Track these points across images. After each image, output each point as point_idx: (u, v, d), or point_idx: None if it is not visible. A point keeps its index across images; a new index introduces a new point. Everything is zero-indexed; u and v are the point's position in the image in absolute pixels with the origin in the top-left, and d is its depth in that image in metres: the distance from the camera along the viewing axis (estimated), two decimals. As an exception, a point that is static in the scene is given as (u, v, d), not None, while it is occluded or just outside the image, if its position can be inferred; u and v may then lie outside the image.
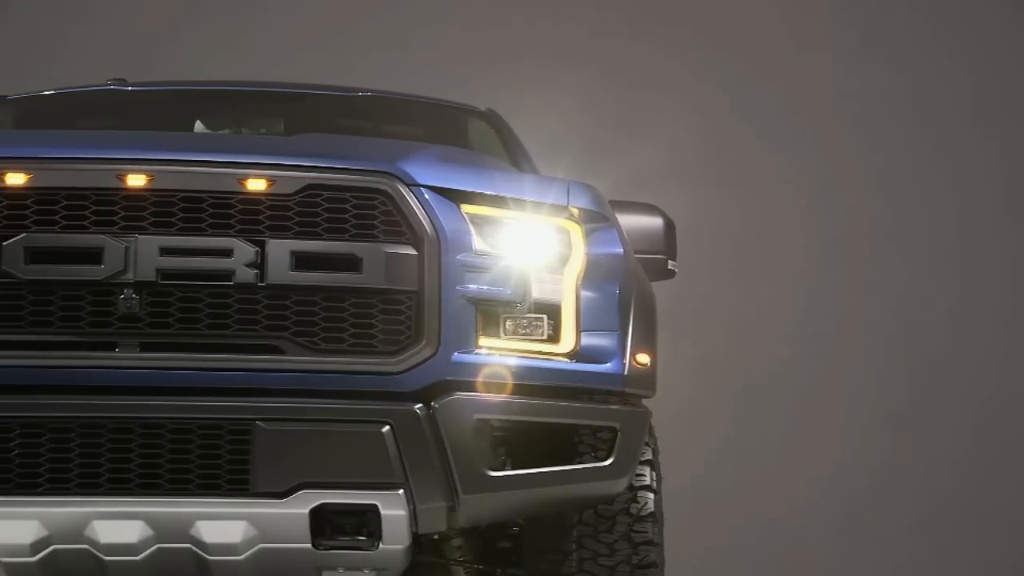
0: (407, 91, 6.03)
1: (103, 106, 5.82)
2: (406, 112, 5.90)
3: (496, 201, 3.58)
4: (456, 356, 3.42)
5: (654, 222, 4.61)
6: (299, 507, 3.31)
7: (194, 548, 3.33)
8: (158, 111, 5.74)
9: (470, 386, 3.43)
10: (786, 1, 8.46)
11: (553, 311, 3.58)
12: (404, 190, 3.45)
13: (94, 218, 3.35)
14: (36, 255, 3.31)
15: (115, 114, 5.78)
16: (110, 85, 5.96)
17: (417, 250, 3.42)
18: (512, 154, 5.48)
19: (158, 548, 3.32)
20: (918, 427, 8.08)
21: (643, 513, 3.82)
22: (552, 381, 3.55)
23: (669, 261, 4.64)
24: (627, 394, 3.69)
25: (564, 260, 3.63)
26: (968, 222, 8.32)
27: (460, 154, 3.86)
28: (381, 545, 3.38)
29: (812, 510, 7.86)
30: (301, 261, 3.37)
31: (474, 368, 3.44)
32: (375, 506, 3.33)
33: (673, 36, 8.29)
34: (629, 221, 4.22)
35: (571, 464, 3.61)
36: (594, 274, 3.66)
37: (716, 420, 7.82)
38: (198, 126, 5.66)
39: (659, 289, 4.21)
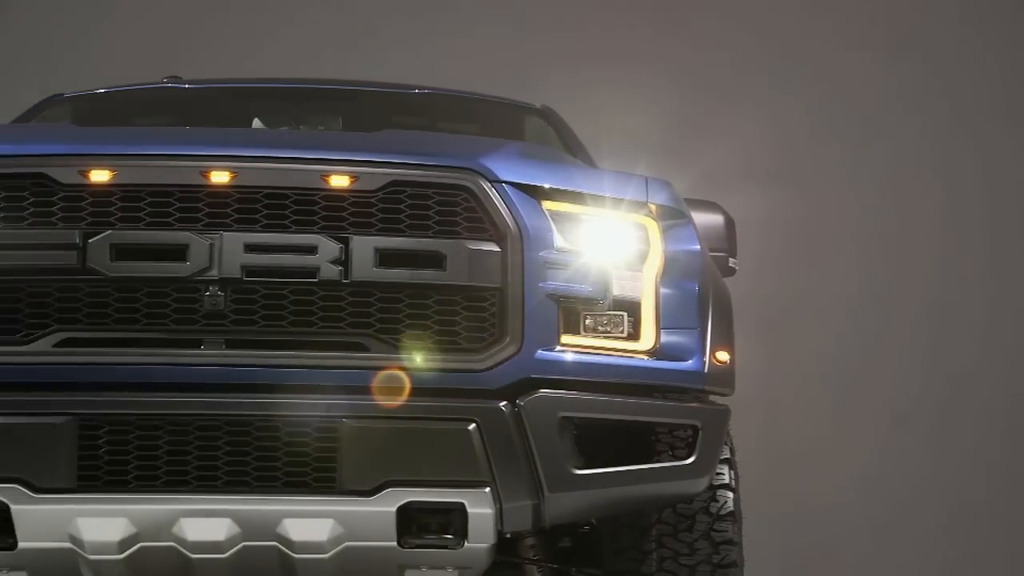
0: (466, 89, 6.00)
1: (160, 103, 5.83)
2: (462, 109, 5.88)
3: (576, 198, 3.56)
4: (539, 353, 3.40)
5: (715, 219, 4.58)
6: (386, 505, 3.29)
7: (280, 546, 3.31)
8: (215, 108, 5.73)
9: (553, 384, 3.41)
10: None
11: (633, 308, 3.56)
12: (487, 186, 3.43)
13: (178, 215, 3.34)
14: (121, 252, 3.30)
15: (172, 111, 5.78)
16: (166, 83, 5.96)
17: (500, 247, 3.40)
18: (571, 150, 5.45)
19: (244, 546, 3.30)
20: (963, 429, 8.02)
21: (723, 512, 3.79)
22: (633, 379, 3.53)
23: (730, 259, 4.61)
24: (707, 392, 3.66)
25: (643, 257, 3.60)
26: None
27: (539, 150, 3.84)
28: (466, 544, 3.36)
29: (851, 510, 7.83)
30: (385, 258, 3.36)
31: (557, 365, 3.42)
32: (462, 504, 3.31)
33: (732, 34, 8.25)
34: None
35: (648, 463, 3.59)
36: (672, 271, 3.63)
37: (787, 418, 7.79)
38: (256, 123, 5.64)
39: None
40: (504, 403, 3.34)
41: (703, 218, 4.49)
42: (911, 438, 7.97)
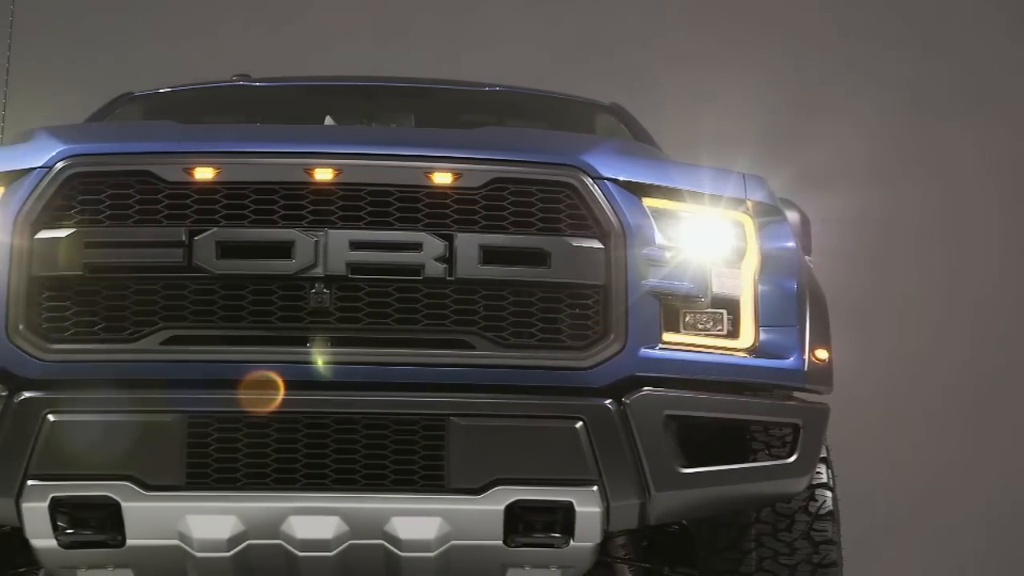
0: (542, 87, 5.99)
1: (230, 101, 5.83)
2: (533, 107, 5.86)
3: (675, 194, 3.53)
4: (643, 351, 3.38)
5: (790, 217, 4.54)
6: (494, 503, 3.27)
7: (387, 544, 3.30)
8: (286, 106, 5.74)
9: (656, 382, 3.39)
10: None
11: (732, 306, 3.54)
12: (590, 183, 3.42)
13: (283, 212, 3.33)
14: (227, 249, 3.30)
15: (242, 109, 5.79)
16: (235, 80, 5.96)
17: (603, 244, 3.38)
18: (643, 148, 5.44)
19: (351, 544, 3.30)
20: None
21: (822, 511, 3.76)
22: (734, 377, 3.51)
23: (806, 256, 4.59)
24: (807, 390, 3.63)
25: (741, 254, 3.58)
26: None
27: (636, 147, 3.83)
28: (572, 542, 3.34)
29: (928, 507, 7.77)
30: (489, 255, 3.34)
31: (660, 363, 3.40)
32: (570, 503, 3.29)
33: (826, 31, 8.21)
34: None
35: (747, 461, 3.57)
36: (770, 268, 3.61)
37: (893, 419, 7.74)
38: (328, 121, 5.64)
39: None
40: (609, 401, 3.32)
41: None
42: (991, 436, 7.89)
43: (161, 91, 5.86)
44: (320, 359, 3.29)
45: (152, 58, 7.24)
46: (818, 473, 3.79)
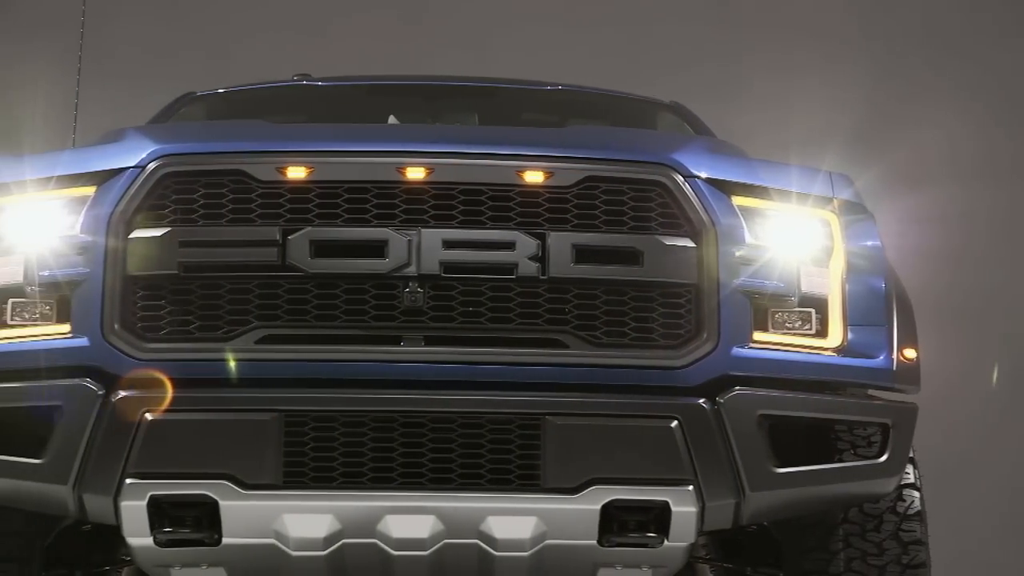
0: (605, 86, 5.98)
1: (294, 100, 5.84)
2: (595, 105, 5.85)
3: (764, 192, 3.53)
4: (735, 350, 3.37)
5: None
6: (591, 503, 3.27)
7: (481, 544, 3.30)
8: (350, 105, 5.74)
9: (748, 381, 3.38)
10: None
11: (820, 305, 3.52)
12: (681, 181, 3.41)
13: (375, 211, 3.34)
14: (321, 248, 3.30)
15: (306, 109, 5.79)
16: (296, 80, 5.97)
17: (695, 242, 3.37)
18: (707, 146, 5.41)
19: (445, 544, 3.30)
20: None
21: (910, 512, 3.74)
22: (824, 376, 3.49)
23: None
24: (895, 390, 3.61)
25: (828, 252, 3.56)
26: None
27: (724, 145, 3.81)
28: (666, 542, 3.33)
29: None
30: (582, 254, 3.34)
31: (751, 362, 3.39)
32: (666, 503, 3.28)
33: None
34: None
35: (836, 461, 3.56)
36: (857, 267, 3.59)
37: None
38: (391, 120, 5.64)
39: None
40: (703, 400, 3.31)
41: None
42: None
43: (223, 91, 5.87)
44: (414, 358, 3.29)
45: (211, 57, 7.26)
46: (905, 473, 3.76)
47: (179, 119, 5.50)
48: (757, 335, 3.43)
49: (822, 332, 3.52)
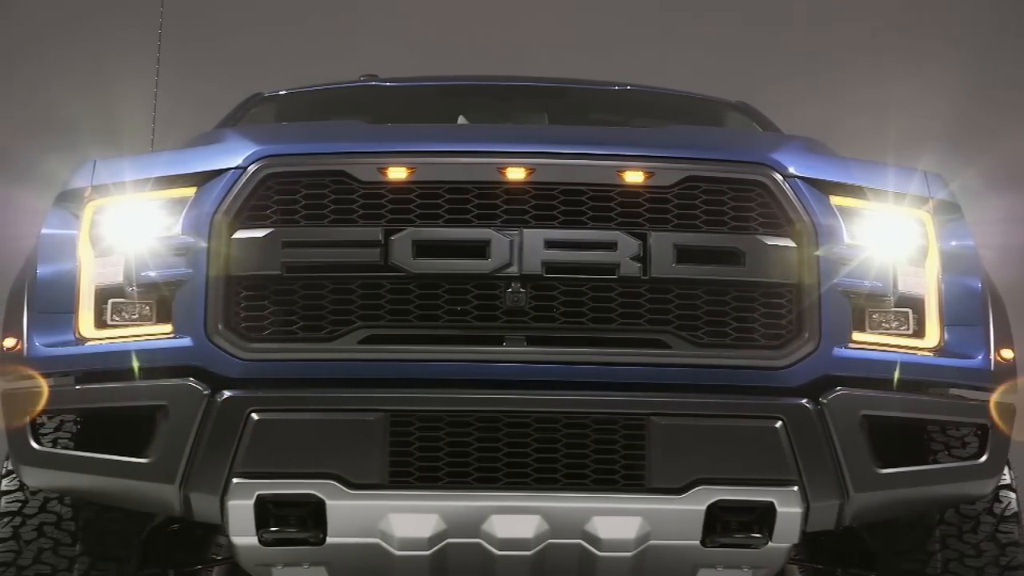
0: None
1: (362, 101, 5.84)
2: (663, 105, 5.84)
3: (860, 192, 3.52)
4: (836, 350, 3.36)
5: None
6: (696, 503, 3.26)
7: (585, 544, 3.30)
8: (418, 105, 5.75)
9: (849, 381, 3.37)
10: None
11: (917, 305, 3.51)
12: (781, 181, 3.40)
13: (477, 211, 3.34)
14: (423, 248, 3.31)
15: (374, 109, 5.79)
16: (363, 80, 5.98)
17: (795, 242, 3.37)
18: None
19: (549, 544, 3.30)
20: None
21: (1007, 513, 3.73)
22: (921, 377, 3.48)
23: None
24: (992, 390, 3.59)
25: (924, 252, 3.55)
26: None
27: (820, 145, 3.81)
28: (770, 543, 3.33)
29: None
30: (683, 254, 3.34)
31: (851, 363, 3.38)
32: (771, 503, 3.28)
33: None
34: None
35: (933, 462, 3.55)
36: (953, 267, 3.58)
37: None
38: (461, 120, 5.64)
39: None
40: (806, 400, 3.30)
41: None
42: None
43: (291, 91, 5.89)
44: (516, 358, 3.29)
45: (279, 58, 7.29)
46: (1001, 474, 3.74)
47: (250, 120, 5.52)
48: (856, 335, 3.42)
49: (919, 332, 3.51)
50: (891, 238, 3.51)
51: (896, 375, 3.43)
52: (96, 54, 6.87)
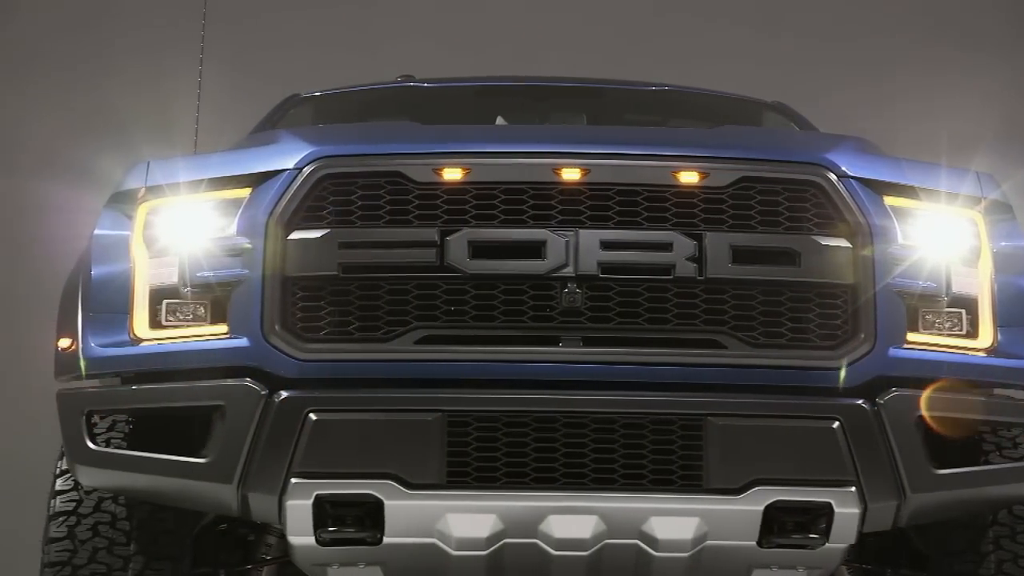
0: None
1: (400, 102, 5.86)
2: (700, 105, 5.85)
3: (913, 192, 3.52)
4: (891, 351, 3.36)
5: None
6: (754, 504, 3.26)
7: (641, 544, 3.30)
8: (456, 106, 5.75)
9: (903, 382, 3.37)
10: None
11: (970, 305, 3.51)
12: (836, 181, 3.40)
13: (532, 212, 3.35)
14: (479, 249, 3.32)
15: (413, 110, 5.78)
16: (401, 81, 5.99)
17: (850, 243, 3.37)
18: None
19: (606, 544, 3.30)
20: None
21: (1061, 514, 3.71)
22: (974, 377, 3.48)
23: None
24: None
25: (977, 253, 3.55)
26: None
27: (872, 146, 3.80)
28: (827, 544, 3.32)
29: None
30: (739, 254, 3.34)
31: (907, 363, 3.38)
32: (829, 504, 3.28)
33: None
34: None
35: (985, 463, 3.55)
36: (1005, 267, 3.57)
37: None
38: (499, 121, 5.65)
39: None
40: (863, 401, 3.30)
41: None
42: None
43: (328, 92, 5.90)
44: (572, 358, 3.30)
45: (317, 58, 7.31)
46: (1054, 475, 3.73)
47: (290, 120, 5.54)
48: (910, 336, 3.42)
49: (972, 333, 3.50)
50: (944, 238, 3.51)
51: (949, 375, 3.42)
52: (139, 55, 6.92)
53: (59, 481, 3.72)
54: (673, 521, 3.28)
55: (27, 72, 7.43)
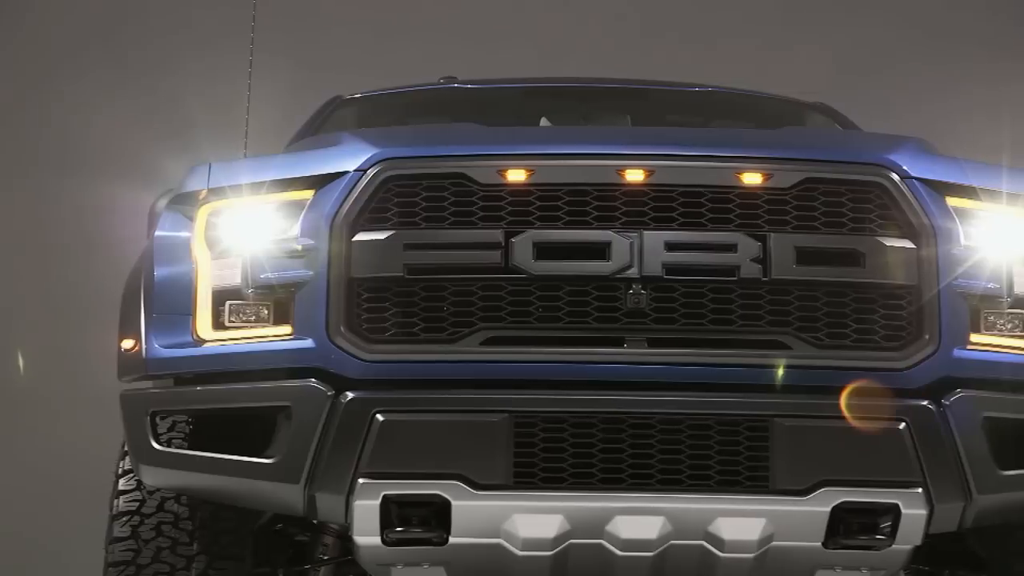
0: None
1: (444, 103, 5.87)
2: (744, 106, 5.85)
3: (975, 193, 3.52)
4: (956, 352, 3.36)
5: None
6: (821, 505, 3.27)
7: (706, 545, 3.31)
8: (500, 107, 5.75)
9: (968, 383, 3.36)
10: None
11: None
12: (899, 182, 3.40)
13: (596, 213, 3.35)
14: (544, 251, 3.32)
15: (457, 111, 5.80)
16: (443, 83, 6.00)
17: (914, 244, 3.37)
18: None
19: (671, 545, 3.31)
20: None
21: (1122, 515, 3.69)
22: None
23: None
24: None
25: None
26: None
27: (933, 146, 3.80)
28: (893, 545, 3.32)
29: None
30: (803, 255, 3.34)
31: (971, 364, 3.38)
32: (896, 505, 3.28)
33: None
34: None
35: None
36: None
37: None
38: (543, 122, 5.65)
39: None
40: (928, 402, 3.30)
41: None
42: None
43: (370, 94, 5.91)
44: (637, 359, 3.30)
45: (360, 60, 7.34)
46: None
47: (334, 123, 5.55)
48: (973, 336, 3.41)
49: None
50: (1005, 239, 3.50)
51: (1011, 376, 3.42)
52: (189, 59, 6.96)
53: (121, 481, 3.74)
54: (740, 522, 3.28)
55: (78, 75, 7.49)
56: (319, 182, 3.43)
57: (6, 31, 7.82)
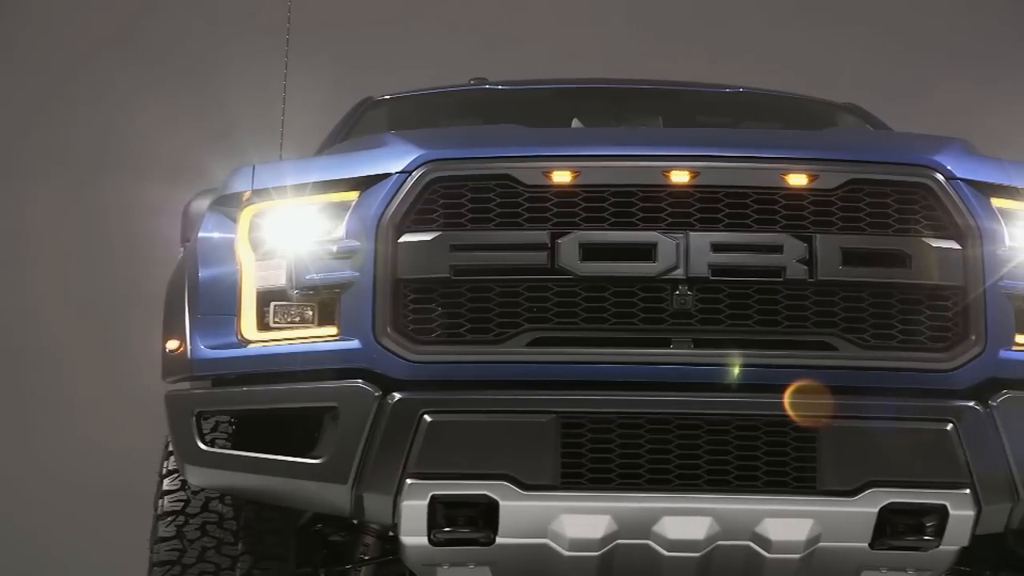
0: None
1: (475, 105, 5.88)
2: (775, 107, 5.84)
3: (1019, 194, 3.51)
4: (1002, 353, 3.36)
5: None
6: (868, 506, 3.27)
7: (753, 546, 3.31)
8: (531, 108, 5.74)
9: (1015, 384, 3.36)
10: None
11: None
12: (944, 183, 3.40)
13: (642, 215, 3.36)
14: (590, 251, 3.33)
15: (487, 112, 5.81)
16: (474, 84, 6.01)
17: (960, 245, 3.37)
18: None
19: (718, 545, 3.31)
20: None
21: None
22: None
23: None
24: None
25: None
26: None
27: (973, 146, 3.80)
28: (940, 546, 3.32)
29: None
30: (849, 256, 3.34)
31: (1018, 365, 3.37)
32: (944, 506, 3.28)
33: None
34: None
35: None
36: None
37: None
38: (575, 123, 5.66)
39: None
40: (975, 403, 3.30)
41: None
42: None
43: (400, 95, 5.92)
44: (683, 360, 3.31)
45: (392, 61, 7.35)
46: None
47: (365, 123, 5.56)
48: (1018, 337, 3.41)
49: None
50: None
51: None
52: (221, 61, 6.98)
53: (166, 481, 3.75)
54: (787, 523, 3.29)
55: (111, 74, 7.53)
56: (364, 183, 3.44)
57: (41, 30, 7.87)
